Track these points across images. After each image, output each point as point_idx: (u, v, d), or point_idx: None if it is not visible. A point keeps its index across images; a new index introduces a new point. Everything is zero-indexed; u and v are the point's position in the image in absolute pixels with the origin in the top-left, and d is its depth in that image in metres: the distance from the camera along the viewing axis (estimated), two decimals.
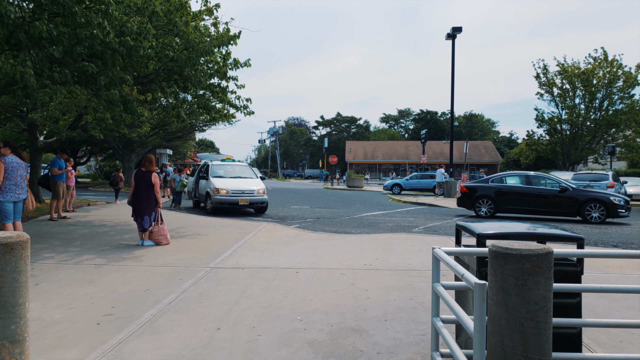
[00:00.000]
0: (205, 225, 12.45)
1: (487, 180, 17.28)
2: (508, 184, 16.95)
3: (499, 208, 16.59)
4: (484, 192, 16.87)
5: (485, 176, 25.65)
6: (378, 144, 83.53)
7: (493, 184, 16.98)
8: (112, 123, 17.84)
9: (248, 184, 16.82)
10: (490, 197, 16.73)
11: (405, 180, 34.18)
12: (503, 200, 16.56)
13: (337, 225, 13.87)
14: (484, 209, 16.79)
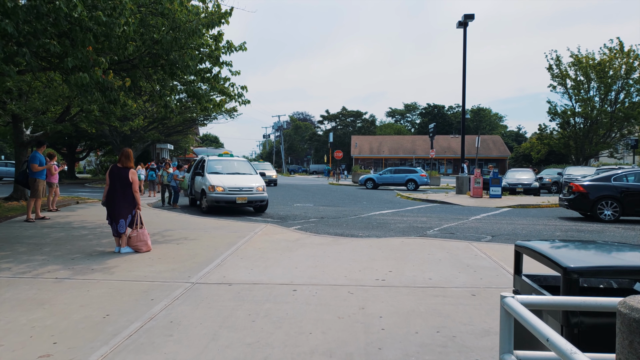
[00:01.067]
0: (197, 227, 11.23)
1: (609, 179, 14.93)
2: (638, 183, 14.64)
3: (626, 210, 14.51)
4: (608, 192, 14.60)
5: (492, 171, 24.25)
6: (384, 138, 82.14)
7: (617, 183, 14.68)
8: (102, 115, 16.66)
9: (246, 180, 15.59)
10: (615, 198, 14.51)
11: (378, 175, 34.11)
12: (631, 201, 14.38)
13: (342, 226, 12.63)
14: (607, 212, 14.61)
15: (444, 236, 10.95)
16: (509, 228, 12.59)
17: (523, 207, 19.16)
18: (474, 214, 16.20)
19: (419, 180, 32.25)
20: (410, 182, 32.28)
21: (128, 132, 19.84)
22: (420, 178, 32.37)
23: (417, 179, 32.33)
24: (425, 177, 32.59)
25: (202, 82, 10.63)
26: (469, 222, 13.77)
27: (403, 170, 33.77)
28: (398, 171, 33.83)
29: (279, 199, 22.40)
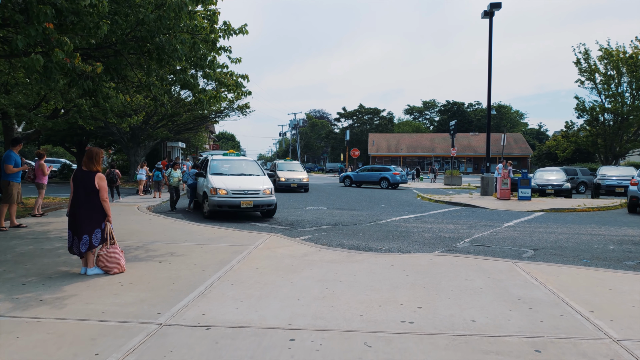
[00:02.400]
0: (190, 237, 9.77)
1: None
2: None
3: None
4: None
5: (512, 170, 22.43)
6: (402, 136, 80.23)
7: None
8: (97, 111, 15.33)
9: (252, 182, 14.11)
10: None
11: (355, 172, 34.97)
12: None
13: (358, 235, 11.07)
14: None
15: (477, 251, 9.31)
16: (550, 239, 10.89)
17: (558, 212, 17.37)
18: (505, 220, 14.49)
19: (391, 178, 32.51)
20: (384, 181, 32.67)
21: (127, 129, 18.54)
22: (393, 177, 32.61)
23: (390, 177, 32.62)
24: (398, 175, 32.92)
25: (196, 69, 9.14)
26: (502, 231, 12.10)
27: (378, 169, 34.48)
28: (373, 169, 34.58)
29: (291, 201, 20.90)
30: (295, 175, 27.36)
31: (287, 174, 27.31)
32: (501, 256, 8.82)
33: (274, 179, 25.67)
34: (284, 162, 29.33)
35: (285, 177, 26.93)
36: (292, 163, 29.41)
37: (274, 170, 27.93)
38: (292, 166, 28.87)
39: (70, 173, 36.25)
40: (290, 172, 27.68)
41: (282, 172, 27.49)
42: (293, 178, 26.91)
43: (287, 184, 26.63)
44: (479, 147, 74.65)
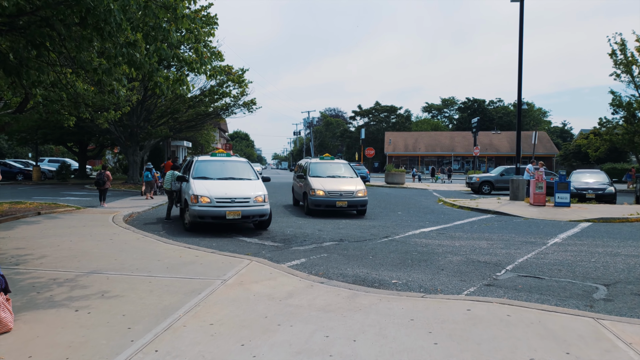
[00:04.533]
0: (145, 264, 7.46)
1: None
2: None
3: None
4: None
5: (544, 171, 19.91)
6: (420, 134, 77.39)
7: None
8: (70, 105, 13.17)
9: (242, 188, 11.79)
10: None
11: None
12: None
13: (367, 259, 8.66)
14: None
15: (529, 286, 6.84)
16: (619, 265, 8.35)
17: (607, 222, 14.72)
18: (548, 234, 11.94)
19: None
20: None
21: (105, 126, 16.44)
22: None
23: None
24: None
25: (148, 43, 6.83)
26: (550, 252, 9.58)
27: None
28: None
29: (296, 206, 18.55)
30: (341, 185, 15.66)
31: (327, 183, 15.60)
32: (562, 295, 6.37)
33: (304, 192, 16.11)
34: (319, 161, 17.64)
35: (326, 188, 15.26)
36: (334, 163, 17.63)
37: (303, 175, 16.71)
38: (334, 168, 17.16)
39: (69, 174, 34.42)
40: (332, 181, 15.98)
41: (319, 180, 15.78)
42: (339, 190, 15.28)
43: (329, 201, 14.97)
44: (501, 146, 71.53)
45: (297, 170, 18.56)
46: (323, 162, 17.61)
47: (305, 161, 18.07)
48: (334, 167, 17.35)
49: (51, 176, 35.08)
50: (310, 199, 15.26)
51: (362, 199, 15.40)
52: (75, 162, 41.36)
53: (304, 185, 16.20)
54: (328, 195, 15.02)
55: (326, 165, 17.24)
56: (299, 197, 17.33)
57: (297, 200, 18.33)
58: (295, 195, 18.48)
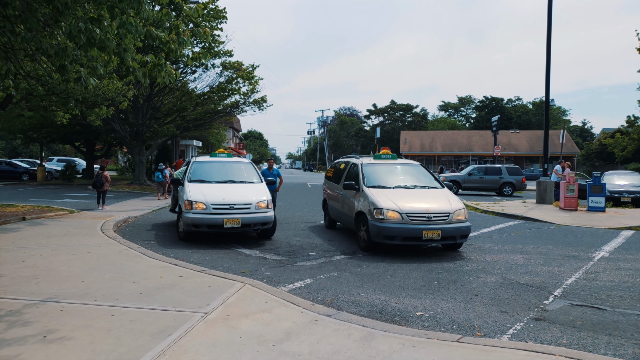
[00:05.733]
0: (115, 287, 6.18)
1: None
2: None
3: None
4: None
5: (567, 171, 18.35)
6: (437, 133, 75.52)
7: None
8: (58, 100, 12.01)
9: (242, 193, 10.49)
10: None
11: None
12: None
13: (384, 279, 7.29)
14: None
15: (590, 324, 5.40)
16: None
17: None
18: (591, 246, 10.44)
19: None
20: None
21: (97, 123, 15.32)
22: None
23: None
24: None
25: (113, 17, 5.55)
26: (602, 270, 8.11)
27: None
28: None
29: (305, 210, 17.24)
30: (425, 201, 9.33)
31: (401, 199, 9.26)
32: (637, 337, 4.94)
33: (358, 212, 9.76)
34: (377, 162, 11.06)
35: (402, 207, 8.93)
36: (402, 165, 11.17)
37: (352, 185, 10.19)
38: (404, 173, 10.87)
39: (74, 174, 33.49)
40: (407, 194, 9.67)
41: (385, 194, 9.48)
42: (425, 211, 8.91)
43: (410, 230, 8.76)
44: (520, 146, 69.46)
45: (332, 174, 12.53)
46: (384, 162, 10.84)
47: (348, 160, 11.71)
48: (403, 171, 10.78)
49: (57, 176, 34.23)
50: (374, 227, 8.78)
51: (463, 227, 9.05)
52: (77, 160, 40.56)
53: (358, 201, 9.68)
54: (407, 221, 8.65)
55: (390, 168, 10.70)
56: (340, 216, 11.28)
57: (333, 221, 12.39)
58: (331, 213, 12.22)
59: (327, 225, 12.74)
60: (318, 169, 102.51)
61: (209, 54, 26.36)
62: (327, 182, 13.03)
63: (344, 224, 11.60)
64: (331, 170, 13.23)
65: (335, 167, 12.85)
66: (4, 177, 32.54)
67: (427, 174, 10.94)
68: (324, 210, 13.15)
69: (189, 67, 27.94)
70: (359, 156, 11.58)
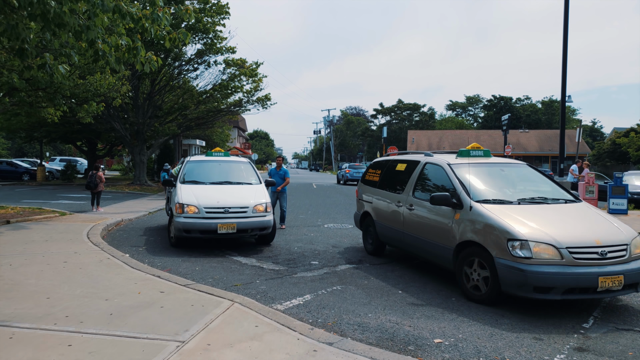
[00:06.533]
0: (80, 307, 5.34)
1: None
2: None
3: None
4: None
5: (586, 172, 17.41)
6: (444, 133, 74.45)
7: None
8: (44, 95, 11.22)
9: (239, 195, 9.63)
10: None
11: None
12: None
13: (395, 296, 6.40)
14: None
15: None
16: None
17: None
18: None
19: None
20: None
21: (87, 120, 14.52)
22: None
23: None
24: None
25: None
26: None
27: None
28: None
29: (310, 212, 16.37)
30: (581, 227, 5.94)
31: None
32: None
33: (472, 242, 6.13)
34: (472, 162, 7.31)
35: (563, 238, 5.54)
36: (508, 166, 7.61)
37: (449, 192, 6.66)
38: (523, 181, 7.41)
39: (75, 173, 32.81)
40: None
41: (509, 214, 6.00)
42: (594, 245, 5.55)
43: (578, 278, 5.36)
44: (529, 145, 68.25)
45: (379, 177, 8.98)
46: (483, 163, 7.41)
47: (413, 159, 8.14)
48: (514, 175, 7.48)
49: (58, 176, 33.58)
50: (514, 271, 5.47)
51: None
52: (80, 160, 39.92)
53: (461, 224, 6.33)
54: (571, 261, 5.42)
55: (496, 172, 7.36)
56: (414, 243, 7.48)
57: (383, 245, 8.84)
58: (383, 234, 8.50)
59: (372, 250, 8.98)
60: (324, 168, 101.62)
61: (212, 49, 25.61)
62: (367, 188, 9.37)
63: (422, 255, 7.45)
64: (374, 172, 9.36)
65: (386, 168, 8.95)
66: (5, 177, 31.96)
67: (547, 180, 7.48)
68: (363, 228, 9.49)
69: (190, 65, 27.21)
70: (429, 152, 7.95)
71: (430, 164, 7.64)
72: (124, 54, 5.36)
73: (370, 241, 9.16)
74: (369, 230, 9.16)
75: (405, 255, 8.94)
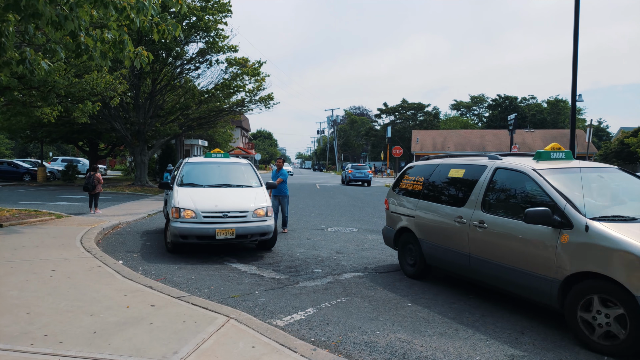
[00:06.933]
0: (61, 324, 4.91)
1: None
2: None
3: None
4: None
5: None
6: (449, 133, 73.87)
7: None
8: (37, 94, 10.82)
9: (238, 199, 9.18)
10: None
11: None
12: None
13: (405, 310, 5.95)
14: None
15: None
16: None
17: None
18: None
19: None
20: None
21: (82, 120, 14.04)
22: None
23: None
24: None
25: None
26: None
27: None
28: None
29: (313, 214, 15.94)
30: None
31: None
32: None
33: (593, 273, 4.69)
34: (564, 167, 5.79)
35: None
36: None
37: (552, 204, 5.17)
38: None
39: (76, 174, 32.48)
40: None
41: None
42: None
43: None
44: (535, 145, 67.55)
45: (422, 186, 7.34)
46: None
47: (479, 163, 6.47)
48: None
49: (59, 177, 33.26)
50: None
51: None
52: (82, 161, 39.61)
53: (570, 250, 4.88)
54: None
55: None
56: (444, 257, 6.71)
57: (427, 266, 7.21)
58: (427, 253, 7.04)
59: (414, 273, 7.31)
60: (328, 168, 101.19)
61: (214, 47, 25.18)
62: (404, 199, 7.71)
63: (499, 286, 5.86)
64: (414, 179, 7.65)
65: (434, 174, 7.22)
66: (6, 178, 31.67)
67: None
68: (399, 246, 7.83)
69: (192, 64, 26.82)
70: (494, 154, 6.44)
71: (503, 170, 6.04)
72: (110, 49, 4.92)
73: (410, 262, 7.49)
74: (409, 250, 7.52)
75: None
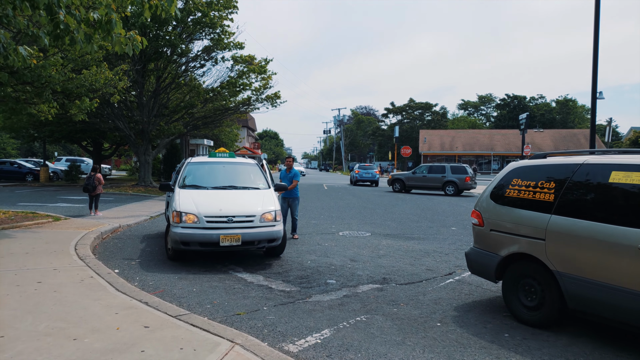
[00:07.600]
0: (39, 351, 4.22)
1: None
2: None
3: None
4: None
5: None
6: (457, 132, 73.03)
7: None
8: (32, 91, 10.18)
9: (244, 202, 8.47)
10: None
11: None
12: None
13: (434, 330, 5.22)
14: None
15: None
16: None
17: None
18: None
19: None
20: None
21: (80, 117, 13.40)
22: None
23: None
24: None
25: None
26: None
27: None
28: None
29: (323, 217, 15.22)
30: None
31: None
32: None
33: None
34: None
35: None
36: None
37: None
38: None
39: (79, 174, 31.94)
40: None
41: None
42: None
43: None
44: (544, 145, 66.60)
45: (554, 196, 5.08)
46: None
47: None
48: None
49: (63, 177, 32.73)
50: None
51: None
52: (85, 160, 39.10)
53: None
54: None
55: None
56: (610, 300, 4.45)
57: (565, 309, 4.98)
58: (573, 292, 4.80)
59: (537, 319, 5.19)
60: (334, 168, 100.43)
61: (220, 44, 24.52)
62: (517, 212, 5.54)
63: None
64: (536, 185, 5.38)
65: (582, 179, 4.97)
66: (8, 178, 31.18)
67: None
68: (507, 279, 5.66)
69: (197, 61, 26.20)
70: None
71: None
72: (96, 31, 4.23)
73: (530, 304, 5.31)
74: (528, 286, 5.36)
75: (432, 271, 7.73)
